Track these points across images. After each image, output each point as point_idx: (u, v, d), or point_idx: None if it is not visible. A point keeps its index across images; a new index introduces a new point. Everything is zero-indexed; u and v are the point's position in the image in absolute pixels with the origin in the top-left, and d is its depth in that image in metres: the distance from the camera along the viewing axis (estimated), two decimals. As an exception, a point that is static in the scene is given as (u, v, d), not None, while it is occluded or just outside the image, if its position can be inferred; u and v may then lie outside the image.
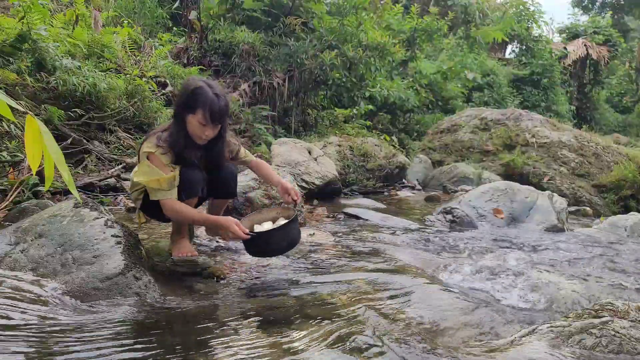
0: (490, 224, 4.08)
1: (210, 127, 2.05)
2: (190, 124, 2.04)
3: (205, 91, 2.00)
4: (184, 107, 2.05)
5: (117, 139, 4.46)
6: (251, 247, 2.16)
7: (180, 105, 2.09)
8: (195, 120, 2.02)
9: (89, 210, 2.08)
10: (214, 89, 2.03)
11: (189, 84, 2.07)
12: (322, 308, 1.88)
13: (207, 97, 1.99)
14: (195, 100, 2.00)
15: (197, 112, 2.00)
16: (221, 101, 2.02)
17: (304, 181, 4.54)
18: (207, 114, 1.99)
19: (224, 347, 1.47)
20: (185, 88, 2.08)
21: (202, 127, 2.03)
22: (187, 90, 2.05)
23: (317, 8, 7.77)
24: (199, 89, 2.01)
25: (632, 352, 1.36)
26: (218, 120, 2.05)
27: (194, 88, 2.02)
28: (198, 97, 2.00)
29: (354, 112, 7.96)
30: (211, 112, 1.99)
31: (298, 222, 2.23)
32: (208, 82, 2.07)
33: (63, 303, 1.68)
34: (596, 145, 7.57)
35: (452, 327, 1.79)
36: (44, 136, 0.89)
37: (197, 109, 2.00)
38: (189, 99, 2.03)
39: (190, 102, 2.01)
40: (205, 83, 2.05)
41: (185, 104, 2.04)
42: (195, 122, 2.03)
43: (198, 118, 2.01)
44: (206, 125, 2.03)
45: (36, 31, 4.03)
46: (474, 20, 14.83)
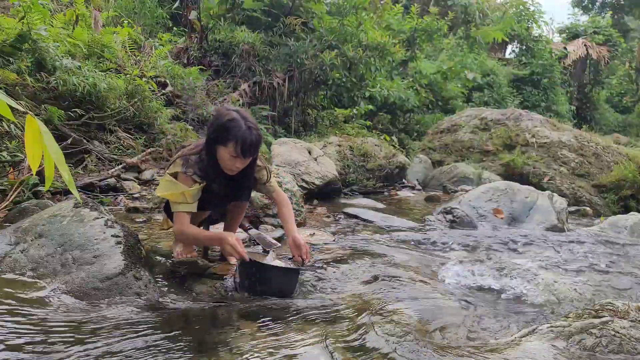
0: (490, 224, 4.08)
1: (241, 159, 2.02)
2: (221, 156, 2.02)
3: (239, 124, 1.97)
4: (216, 138, 2.02)
5: (117, 139, 4.46)
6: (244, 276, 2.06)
7: (211, 135, 2.04)
8: (227, 152, 1.99)
9: (89, 210, 2.08)
10: (247, 121, 2.00)
11: (221, 114, 2.04)
12: (322, 308, 1.88)
13: (240, 130, 1.96)
14: (228, 132, 1.97)
15: (228, 144, 1.97)
16: (253, 134, 1.98)
17: (304, 181, 4.54)
18: (238, 147, 1.96)
19: (224, 348, 1.47)
20: (218, 118, 2.04)
21: (233, 159, 2.01)
22: (219, 121, 2.02)
23: (317, 8, 7.77)
24: (232, 121, 1.98)
25: (632, 352, 1.36)
26: (250, 153, 2.02)
27: (227, 120, 1.99)
28: (230, 129, 1.96)
29: (354, 112, 7.96)
30: (243, 145, 1.96)
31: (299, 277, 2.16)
32: (241, 114, 2.03)
33: (63, 303, 1.68)
34: (596, 145, 7.57)
35: (452, 327, 1.79)
36: (44, 136, 0.89)
37: (229, 141, 1.97)
38: (221, 131, 1.99)
39: (223, 134, 1.98)
40: (239, 115, 2.01)
41: (217, 135, 2.01)
42: (226, 155, 2.00)
43: (229, 151, 1.98)
44: (237, 157, 2.00)
45: (36, 31, 4.03)
46: (474, 20, 14.83)
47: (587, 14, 25.59)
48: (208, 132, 2.08)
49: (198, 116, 5.75)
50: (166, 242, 2.64)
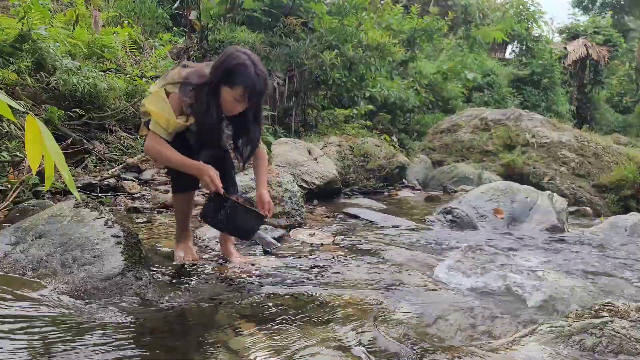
0: (491, 224, 4.08)
1: (244, 104, 2.01)
2: (225, 96, 2.00)
3: (249, 70, 1.95)
4: (222, 78, 1.98)
5: (117, 139, 4.46)
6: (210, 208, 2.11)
7: (218, 74, 1.99)
8: (231, 95, 1.98)
9: (89, 210, 2.08)
10: (257, 68, 1.97)
11: (232, 56, 1.99)
12: (322, 308, 1.88)
13: (249, 76, 1.94)
14: (236, 76, 1.95)
15: (235, 88, 1.96)
16: (261, 82, 1.98)
17: (304, 181, 4.54)
18: (246, 93, 1.96)
19: (224, 348, 1.47)
20: (228, 59, 1.99)
21: (236, 102, 2.00)
22: (230, 63, 1.97)
23: (317, 8, 7.77)
24: (243, 65, 1.95)
25: (632, 352, 1.36)
26: (256, 100, 2.02)
27: (238, 63, 1.95)
28: (239, 74, 1.95)
29: (354, 112, 7.96)
30: (251, 92, 1.96)
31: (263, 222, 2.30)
32: (252, 59, 1.99)
33: (63, 303, 1.68)
34: (596, 145, 7.57)
35: (452, 327, 1.79)
36: (44, 136, 0.89)
37: (237, 85, 1.95)
38: (230, 73, 1.96)
39: (231, 76, 1.96)
40: (250, 60, 1.98)
41: (225, 75, 1.97)
42: (230, 97, 1.99)
43: (235, 94, 1.97)
44: (240, 102, 1.99)
45: (36, 31, 4.03)
46: (474, 20, 14.83)
47: (587, 14, 25.58)
48: (216, 70, 2.01)
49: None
50: (166, 242, 2.64)
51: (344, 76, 7.74)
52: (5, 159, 3.19)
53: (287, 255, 2.68)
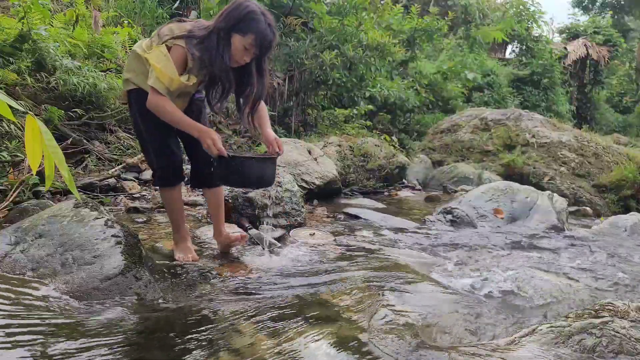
0: (491, 224, 4.08)
1: (251, 54, 2.01)
2: (235, 45, 1.98)
3: (260, 18, 1.96)
4: (234, 26, 1.97)
5: (117, 139, 4.46)
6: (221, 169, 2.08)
7: (229, 22, 1.98)
8: (242, 43, 1.97)
9: (89, 210, 2.08)
10: (267, 18, 1.99)
11: (242, 4, 1.99)
12: (323, 308, 1.88)
13: (261, 26, 1.95)
14: (248, 24, 1.95)
15: (247, 36, 1.96)
16: (271, 31, 1.99)
17: (304, 181, 4.55)
18: (257, 41, 1.96)
19: (224, 348, 1.47)
20: (239, 8, 1.99)
21: (245, 52, 2.00)
22: (240, 11, 1.97)
23: (317, 8, 7.76)
24: (254, 13, 1.96)
25: (632, 352, 1.36)
26: (266, 51, 2.03)
27: (250, 11, 1.96)
28: (252, 22, 1.95)
29: (354, 112, 7.95)
30: (262, 41, 1.97)
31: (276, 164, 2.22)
32: (262, 10, 2.01)
33: (63, 303, 1.68)
34: (596, 145, 7.57)
35: (452, 327, 1.80)
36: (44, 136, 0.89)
37: (249, 33, 1.95)
38: (241, 20, 1.96)
39: (243, 24, 1.96)
40: (259, 9, 1.99)
41: (236, 24, 1.96)
42: (241, 45, 1.98)
43: (246, 42, 1.97)
44: (250, 50, 1.99)
45: (36, 31, 4.03)
46: (474, 20, 14.83)
47: (587, 14, 25.58)
48: (227, 17, 1.99)
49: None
50: (166, 242, 2.64)
51: (344, 76, 7.73)
52: (5, 159, 3.19)
53: (287, 254, 2.68)
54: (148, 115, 2.08)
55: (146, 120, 2.14)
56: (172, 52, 1.99)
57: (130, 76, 2.12)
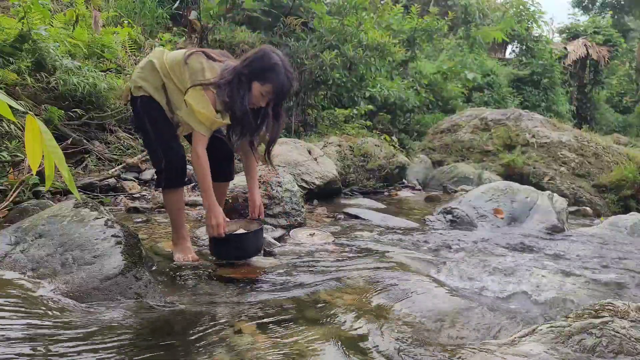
0: (491, 224, 4.08)
1: (267, 100, 2.19)
2: (254, 91, 2.16)
3: (281, 71, 2.14)
4: (256, 74, 2.14)
5: (117, 139, 4.46)
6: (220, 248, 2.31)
7: (252, 71, 2.15)
8: (260, 90, 2.15)
9: (89, 210, 2.08)
10: (287, 71, 2.17)
11: (269, 56, 2.17)
12: (323, 308, 1.88)
13: (280, 77, 2.14)
14: (270, 75, 2.13)
15: (265, 85, 2.14)
16: (289, 83, 2.17)
17: (304, 181, 4.54)
18: (275, 91, 2.15)
19: (224, 348, 1.47)
20: (263, 58, 2.16)
21: (262, 97, 2.18)
22: (264, 62, 2.15)
23: (317, 8, 7.76)
24: (277, 66, 2.14)
25: (632, 352, 1.36)
26: (282, 99, 2.25)
27: (274, 64, 2.14)
28: (273, 73, 2.13)
29: (354, 112, 7.95)
30: (279, 91, 2.16)
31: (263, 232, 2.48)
32: (283, 60, 2.18)
33: (63, 303, 1.68)
34: (596, 145, 7.57)
35: (452, 327, 1.80)
36: (44, 136, 0.89)
37: (268, 83, 2.14)
38: (264, 70, 2.14)
39: (264, 74, 2.14)
40: (281, 61, 2.17)
41: (259, 72, 2.14)
42: (257, 92, 2.16)
43: (263, 90, 2.15)
44: (265, 97, 2.17)
45: (36, 31, 4.03)
46: (474, 20, 14.82)
47: (587, 14, 25.58)
48: (250, 65, 2.16)
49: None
50: (166, 242, 2.64)
51: (344, 76, 7.74)
52: (5, 159, 3.19)
53: (287, 255, 2.68)
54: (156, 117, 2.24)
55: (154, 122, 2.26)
56: (207, 95, 2.16)
57: (144, 85, 2.24)
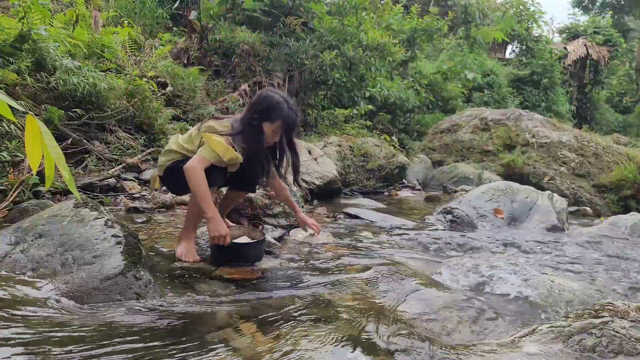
0: (491, 224, 4.08)
1: (279, 134, 2.40)
2: (266, 130, 2.35)
3: (284, 106, 2.33)
4: (263, 116, 2.34)
5: (117, 139, 4.45)
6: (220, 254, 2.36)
7: (259, 112, 2.34)
8: (271, 128, 2.35)
9: (89, 210, 2.08)
10: (289, 104, 2.36)
11: (269, 96, 2.37)
12: (323, 308, 1.88)
13: (285, 111, 2.33)
14: (275, 111, 2.33)
15: (275, 122, 2.34)
16: (295, 114, 2.37)
17: (304, 181, 4.54)
18: (283, 125, 2.35)
19: (224, 348, 1.47)
20: (265, 100, 2.36)
21: (274, 134, 2.38)
22: (268, 103, 2.35)
23: (317, 8, 7.77)
24: (278, 103, 2.34)
25: (632, 352, 1.36)
26: (290, 131, 2.42)
27: (274, 102, 2.34)
28: (277, 110, 2.33)
29: (354, 112, 7.96)
30: (288, 124, 2.36)
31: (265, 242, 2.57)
32: (283, 97, 2.39)
33: (63, 303, 1.68)
34: (596, 145, 7.57)
35: (452, 327, 1.80)
36: (44, 136, 0.89)
37: (276, 120, 2.33)
38: (269, 110, 2.33)
39: (270, 113, 2.33)
40: (281, 98, 2.37)
41: (266, 113, 2.34)
42: (269, 130, 2.36)
43: (274, 127, 2.35)
44: (277, 133, 2.38)
45: (36, 31, 4.02)
46: (474, 20, 14.83)
47: (587, 14, 25.58)
48: (253, 112, 2.36)
49: (198, 116, 5.75)
50: (166, 242, 2.64)
51: (344, 76, 7.74)
52: (5, 159, 3.19)
53: (287, 255, 2.68)
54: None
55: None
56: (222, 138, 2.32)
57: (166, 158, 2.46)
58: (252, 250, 2.46)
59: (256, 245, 2.48)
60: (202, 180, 2.20)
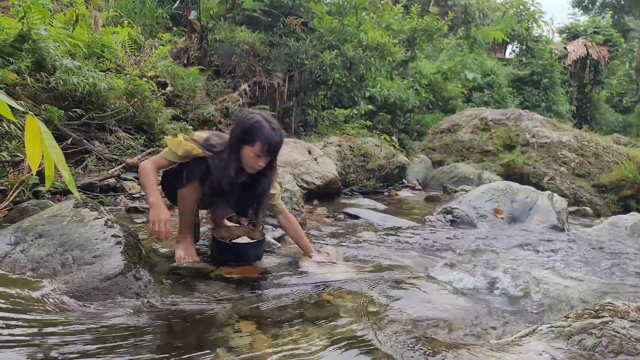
0: (491, 224, 4.08)
1: (264, 158, 2.18)
2: (246, 154, 2.16)
3: (264, 125, 2.14)
4: (242, 139, 2.16)
5: (117, 139, 4.45)
6: (220, 253, 2.39)
7: (237, 136, 2.18)
8: (252, 152, 2.14)
9: (89, 210, 2.08)
10: (271, 124, 2.16)
11: (247, 117, 2.19)
12: (323, 308, 1.88)
13: (265, 131, 2.13)
14: (255, 133, 2.13)
15: (255, 144, 2.13)
16: (277, 136, 2.16)
17: (304, 181, 4.54)
18: (265, 147, 2.12)
19: (224, 348, 1.47)
20: (244, 121, 2.18)
21: (257, 158, 2.16)
22: (246, 124, 2.16)
23: (317, 8, 7.76)
24: (258, 122, 2.14)
25: (632, 352, 1.36)
26: (274, 153, 2.21)
27: (254, 122, 2.15)
28: (257, 130, 2.13)
29: (354, 112, 7.96)
30: (269, 145, 2.13)
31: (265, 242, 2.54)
32: (265, 117, 2.19)
33: (63, 303, 1.68)
34: (596, 145, 7.57)
35: (452, 327, 1.80)
36: (44, 136, 0.89)
37: (256, 141, 2.12)
38: (247, 132, 2.14)
39: (249, 135, 2.14)
40: (262, 118, 2.17)
41: (244, 135, 2.15)
42: (251, 154, 2.15)
43: (255, 150, 2.14)
44: (261, 157, 2.16)
45: (36, 31, 4.02)
46: (474, 20, 14.83)
47: (587, 14, 25.58)
48: (234, 133, 2.20)
49: (198, 116, 5.75)
50: (166, 242, 2.64)
51: (344, 76, 7.74)
52: (5, 159, 3.19)
53: (287, 255, 2.68)
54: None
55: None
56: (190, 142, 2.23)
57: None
58: (252, 250, 2.46)
59: (256, 245, 2.48)
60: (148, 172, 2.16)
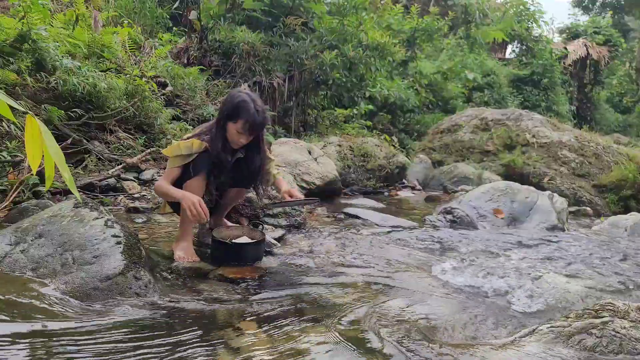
0: (491, 224, 4.08)
1: (246, 136, 2.32)
2: (229, 130, 2.31)
3: (249, 105, 2.26)
4: (227, 116, 2.30)
5: (117, 139, 4.45)
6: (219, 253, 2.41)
7: (223, 113, 2.33)
8: (234, 128, 2.29)
9: (89, 210, 2.08)
10: (256, 104, 2.29)
11: (235, 96, 2.34)
12: (323, 308, 1.88)
13: (249, 110, 2.26)
14: (238, 111, 2.27)
15: (237, 121, 2.27)
16: (260, 115, 2.29)
17: (304, 181, 4.54)
18: (246, 125, 2.26)
19: (224, 347, 1.47)
20: (231, 99, 2.33)
21: (239, 135, 2.31)
22: (232, 102, 2.31)
23: (317, 8, 7.76)
24: (243, 102, 2.27)
25: (632, 352, 1.36)
26: (255, 131, 2.33)
27: (239, 101, 2.28)
28: (241, 109, 2.26)
29: (354, 112, 7.96)
30: (250, 124, 2.27)
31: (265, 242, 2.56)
32: (252, 97, 2.32)
33: (63, 303, 1.68)
34: (596, 145, 7.56)
35: (452, 327, 1.79)
36: (44, 136, 0.89)
37: (239, 119, 2.26)
38: (233, 109, 2.28)
39: (234, 112, 2.28)
40: (249, 97, 2.30)
41: (229, 113, 2.29)
42: (234, 130, 2.30)
43: (237, 127, 2.28)
44: (242, 133, 2.30)
45: (36, 31, 4.02)
46: (474, 20, 14.83)
47: (587, 14, 25.58)
48: (220, 109, 2.37)
49: (198, 116, 5.75)
50: (166, 242, 2.64)
51: (344, 76, 7.74)
52: (5, 159, 3.19)
53: (287, 254, 2.68)
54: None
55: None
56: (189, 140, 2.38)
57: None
58: (252, 250, 2.46)
59: (256, 245, 2.48)
60: (164, 185, 2.30)
